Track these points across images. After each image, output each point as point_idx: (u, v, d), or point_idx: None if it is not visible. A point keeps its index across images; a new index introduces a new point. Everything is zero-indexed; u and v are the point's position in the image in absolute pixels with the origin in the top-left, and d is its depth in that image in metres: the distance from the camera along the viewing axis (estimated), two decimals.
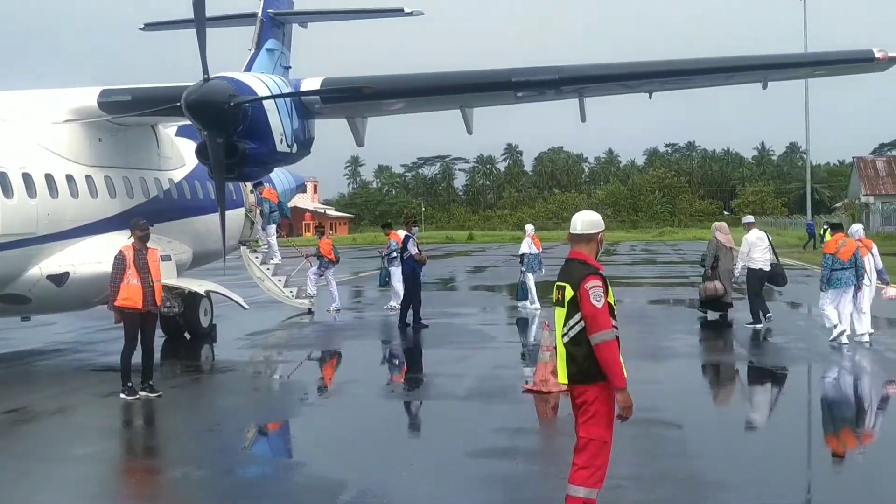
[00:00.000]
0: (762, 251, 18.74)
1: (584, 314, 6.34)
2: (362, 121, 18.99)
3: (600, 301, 6.32)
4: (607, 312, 6.35)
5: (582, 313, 6.36)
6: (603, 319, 6.30)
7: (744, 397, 12.87)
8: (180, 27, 24.65)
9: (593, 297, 6.32)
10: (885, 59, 16.26)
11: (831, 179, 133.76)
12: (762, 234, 19.02)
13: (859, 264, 16.09)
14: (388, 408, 12.10)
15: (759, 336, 17.50)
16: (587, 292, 6.33)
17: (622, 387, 6.32)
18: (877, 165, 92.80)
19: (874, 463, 8.90)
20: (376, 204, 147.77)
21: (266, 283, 22.09)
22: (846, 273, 15.99)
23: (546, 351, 12.01)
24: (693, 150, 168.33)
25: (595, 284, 6.36)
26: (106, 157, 16.88)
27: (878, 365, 14.28)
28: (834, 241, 16.38)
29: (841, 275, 16.01)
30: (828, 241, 16.75)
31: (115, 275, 12.30)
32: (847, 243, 16.14)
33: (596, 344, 6.29)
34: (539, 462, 9.00)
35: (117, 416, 11.63)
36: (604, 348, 6.28)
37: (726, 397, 12.87)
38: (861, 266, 16.14)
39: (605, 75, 17.50)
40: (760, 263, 18.66)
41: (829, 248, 16.35)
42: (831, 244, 16.32)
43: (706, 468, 8.66)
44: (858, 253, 16.15)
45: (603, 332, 6.28)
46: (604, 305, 6.33)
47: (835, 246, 16.16)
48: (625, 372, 6.41)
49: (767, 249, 18.84)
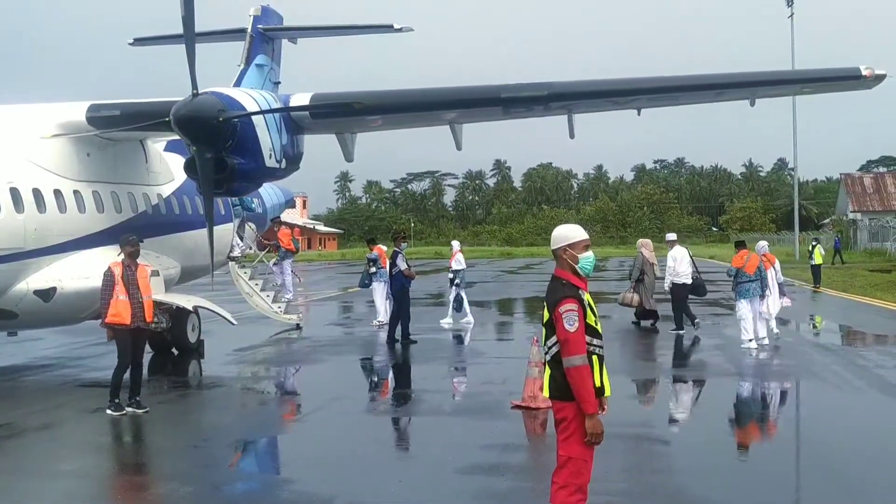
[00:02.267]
0: (686, 266, 20.84)
1: (558, 338, 6.25)
2: (351, 136, 18.99)
3: (573, 325, 6.18)
4: (581, 337, 6.20)
5: (556, 336, 6.29)
6: (574, 345, 6.17)
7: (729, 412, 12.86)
8: (169, 42, 24.63)
9: (567, 321, 6.18)
10: (871, 77, 16.33)
11: (819, 196, 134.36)
12: (684, 251, 21.18)
13: (763, 276, 18.21)
14: (377, 424, 12.08)
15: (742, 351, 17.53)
16: (561, 316, 6.20)
17: (592, 412, 6.17)
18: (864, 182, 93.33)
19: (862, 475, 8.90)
20: (365, 219, 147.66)
21: (254, 298, 22.04)
22: (752, 284, 18.03)
23: (535, 367, 12.01)
24: (681, 166, 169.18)
25: (569, 308, 6.21)
26: (94, 171, 16.84)
27: (865, 380, 14.30)
28: (740, 256, 18.41)
29: (748, 286, 18.02)
30: (734, 257, 18.68)
31: (105, 291, 12.29)
32: (751, 258, 18.27)
33: (567, 368, 6.18)
34: (528, 478, 8.98)
35: (104, 432, 11.57)
36: (574, 373, 6.16)
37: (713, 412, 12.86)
38: (765, 278, 18.30)
39: (594, 92, 17.55)
40: (684, 278, 20.75)
41: (736, 263, 18.38)
42: (738, 259, 18.37)
43: (694, 483, 8.66)
44: (762, 266, 18.26)
45: (574, 357, 6.16)
46: (577, 330, 6.18)
47: (741, 261, 18.24)
48: (608, 386, 6.38)
49: (690, 264, 20.98)
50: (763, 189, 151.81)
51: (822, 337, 21.37)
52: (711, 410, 13.01)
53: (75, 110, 16.62)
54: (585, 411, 6.18)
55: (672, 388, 14.44)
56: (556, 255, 6.57)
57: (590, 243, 6.60)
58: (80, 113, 16.51)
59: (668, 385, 14.64)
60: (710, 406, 13.47)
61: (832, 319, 24.84)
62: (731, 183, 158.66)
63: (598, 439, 6.24)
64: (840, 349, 18.48)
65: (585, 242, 6.55)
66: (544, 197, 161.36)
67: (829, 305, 29.09)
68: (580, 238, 6.55)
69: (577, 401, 6.19)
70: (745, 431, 11.31)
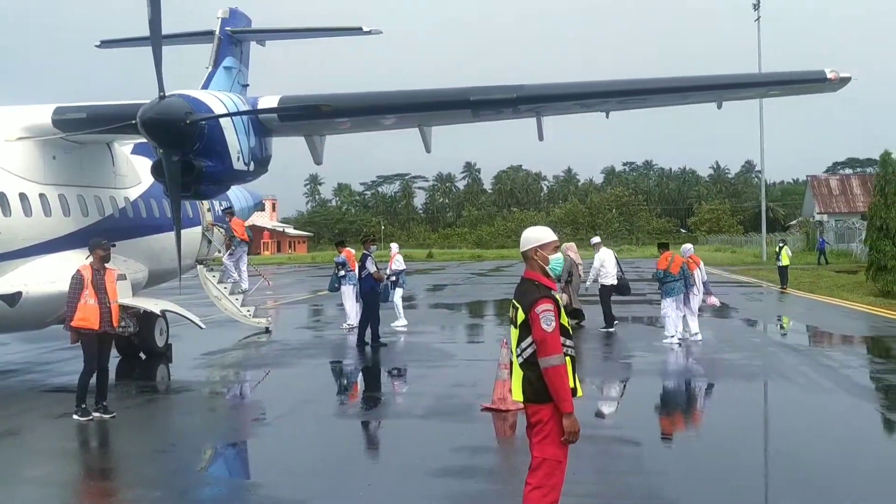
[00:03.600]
0: (612, 267, 21.93)
1: (535, 338, 6.26)
2: (320, 139, 18.93)
3: (551, 325, 6.22)
4: (558, 337, 6.25)
5: (532, 337, 6.30)
6: (552, 344, 6.21)
7: (700, 413, 12.93)
8: (137, 45, 24.43)
9: (544, 321, 6.22)
10: (836, 80, 16.48)
11: (786, 198, 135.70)
12: (609, 253, 22.42)
13: (687, 275, 19.19)
14: (346, 427, 12.04)
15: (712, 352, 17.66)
16: (538, 316, 6.23)
17: (569, 411, 6.22)
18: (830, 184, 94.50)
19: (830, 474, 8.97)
20: (335, 222, 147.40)
21: (223, 302, 21.90)
22: (677, 284, 19.03)
23: (504, 369, 12.01)
24: (650, 168, 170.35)
25: (546, 308, 6.25)
26: (60, 175, 16.68)
27: (832, 380, 14.43)
28: (664, 258, 19.37)
29: (673, 285, 19.03)
30: (659, 259, 19.59)
31: (72, 295, 12.16)
32: (675, 259, 19.27)
33: (544, 368, 6.21)
34: (498, 480, 8.98)
35: (70, 438, 11.44)
36: (552, 373, 6.19)
37: (683, 414, 12.94)
38: (689, 277, 19.26)
39: (562, 94, 17.59)
40: (611, 279, 21.88)
41: (661, 265, 19.34)
42: (663, 261, 19.33)
43: (664, 485, 8.70)
44: (686, 267, 19.28)
45: (551, 357, 6.19)
46: (554, 330, 6.23)
47: (665, 262, 19.25)
48: (579, 387, 6.41)
49: (615, 266, 22.07)
50: (731, 191, 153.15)
51: (789, 338, 21.55)
52: (679, 411, 13.09)
53: (41, 113, 16.44)
54: (563, 411, 6.22)
55: (639, 389, 14.47)
56: (527, 256, 6.61)
57: (559, 244, 6.66)
58: (46, 116, 16.34)
59: (634, 386, 14.68)
60: (677, 407, 13.55)
61: (799, 320, 25.06)
62: (699, 185, 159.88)
63: (576, 437, 6.30)
64: (807, 350, 18.66)
65: (555, 244, 6.63)
66: (514, 199, 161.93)
67: (795, 306, 29.35)
68: (550, 239, 6.62)
69: (556, 400, 6.22)
70: (713, 432, 11.36)
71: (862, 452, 10.09)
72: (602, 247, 22.43)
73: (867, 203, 47.16)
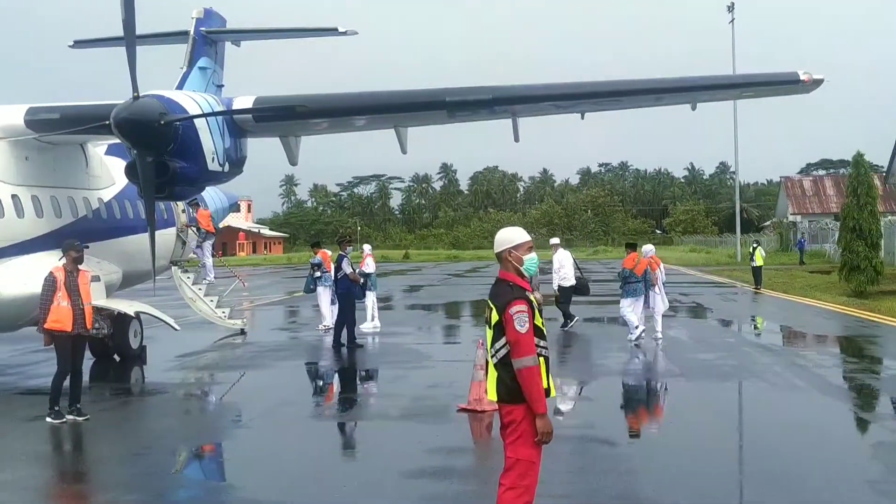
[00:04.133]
0: (570, 268, 22.22)
1: (508, 339, 6.26)
2: (295, 139, 18.88)
3: (524, 326, 6.22)
4: (531, 338, 6.24)
5: (506, 338, 6.30)
6: (525, 345, 6.21)
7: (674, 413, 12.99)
8: (110, 45, 24.28)
9: (517, 322, 6.21)
10: (809, 82, 16.60)
11: (760, 199, 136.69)
12: (567, 254, 22.68)
13: (648, 277, 19.69)
14: (322, 429, 12.02)
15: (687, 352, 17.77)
16: (511, 317, 6.22)
17: (542, 412, 6.22)
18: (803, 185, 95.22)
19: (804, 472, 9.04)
20: (311, 223, 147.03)
21: (198, 303, 21.78)
22: (638, 285, 19.58)
23: (480, 370, 12.04)
24: (626, 169, 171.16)
25: (520, 309, 6.25)
26: (33, 175, 16.55)
27: (805, 380, 14.55)
28: (631, 258, 19.85)
29: (635, 286, 19.56)
30: (625, 259, 20.10)
31: (45, 296, 12.06)
32: (641, 261, 19.69)
33: (518, 369, 6.21)
34: (474, 481, 8.99)
35: (44, 441, 11.36)
36: (525, 374, 6.19)
37: (658, 413, 13.00)
38: (650, 279, 19.72)
39: (538, 96, 17.65)
40: (570, 280, 22.15)
41: (627, 264, 19.80)
42: (629, 261, 19.79)
43: (638, 484, 8.73)
44: (649, 269, 19.67)
45: (525, 358, 6.19)
46: (528, 331, 6.23)
47: (632, 263, 19.69)
48: (553, 388, 6.43)
49: (573, 266, 22.39)
50: (705, 192, 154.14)
51: (763, 338, 21.71)
52: (654, 411, 13.15)
53: (13, 113, 16.30)
54: (536, 411, 6.22)
55: (613, 389, 14.53)
56: (501, 257, 6.61)
57: (533, 245, 6.66)
58: (19, 116, 16.20)
59: (608, 386, 14.73)
60: (652, 406, 13.61)
61: (773, 320, 25.25)
62: (674, 186, 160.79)
63: (549, 438, 6.29)
64: (781, 349, 18.80)
65: (529, 244, 6.62)
66: (490, 200, 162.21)
67: (769, 306, 29.57)
68: (524, 240, 6.62)
69: (529, 401, 6.22)
70: (687, 431, 11.42)
71: (834, 450, 10.18)
72: (560, 248, 22.73)
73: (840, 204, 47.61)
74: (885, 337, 20.47)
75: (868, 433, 11.31)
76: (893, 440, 10.63)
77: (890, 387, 14.36)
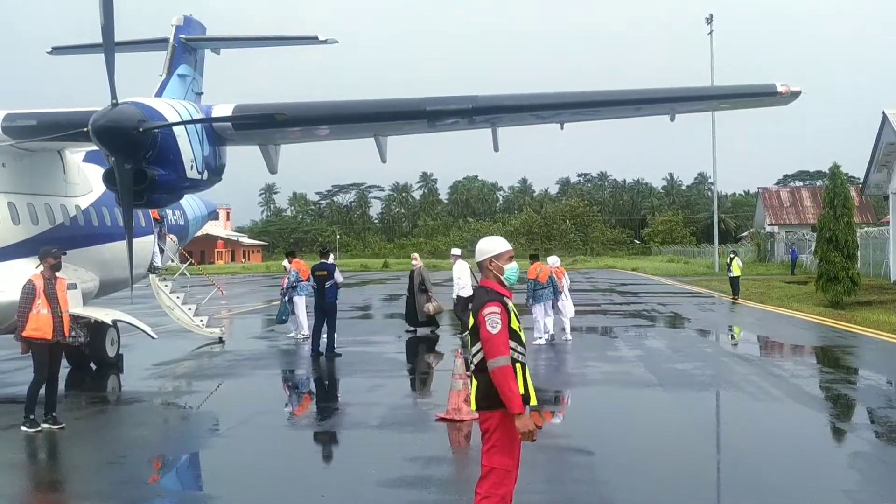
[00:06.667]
0: (467, 279, 22.73)
1: (481, 339, 6.33)
2: (275, 148, 18.87)
3: (496, 327, 6.27)
4: (504, 338, 6.28)
5: (479, 339, 6.37)
6: (497, 346, 6.25)
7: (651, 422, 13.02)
8: (89, 51, 24.19)
9: (489, 323, 6.28)
10: (787, 94, 16.73)
11: (737, 209, 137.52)
12: (465, 265, 23.05)
13: (554, 284, 21.59)
14: (300, 438, 11.97)
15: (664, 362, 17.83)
16: (484, 318, 6.30)
17: (518, 412, 6.23)
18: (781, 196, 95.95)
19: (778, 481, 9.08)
20: (290, 232, 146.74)
21: (175, 311, 21.69)
22: (545, 291, 21.42)
23: (459, 379, 12.05)
24: (605, 179, 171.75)
25: (492, 311, 6.31)
26: (10, 182, 16.45)
27: (782, 390, 14.63)
28: (534, 268, 21.67)
29: (542, 292, 21.40)
30: (529, 269, 21.39)
31: (24, 304, 11.95)
32: (543, 270, 21.64)
33: (491, 370, 6.24)
34: (452, 491, 8.97)
35: (19, 449, 11.26)
36: (498, 373, 6.22)
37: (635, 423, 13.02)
38: (556, 285, 21.65)
39: (517, 105, 17.72)
40: (468, 290, 22.36)
41: (531, 275, 21.49)
42: (532, 271, 21.56)
43: (615, 493, 8.75)
44: (554, 277, 21.70)
45: (498, 358, 6.23)
46: (500, 331, 6.27)
47: (535, 273, 21.54)
48: (534, 395, 6.44)
49: (471, 277, 22.78)
50: (683, 202, 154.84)
51: (740, 348, 21.81)
52: (631, 420, 13.16)
53: None
54: (512, 411, 6.23)
55: (591, 398, 14.55)
56: (482, 266, 6.68)
57: (513, 254, 6.73)
58: None
59: (586, 395, 14.76)
60: (629, 416, 13.63)
61: (750, 330, 25.37)
62: (652, 196, 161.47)
63: (532, 436, 6.28)
64: (758, 360, 18.89)
65: (510, 254, 6.71)
66: (470, 209, 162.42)
67: (747, 317, 29.70)
68: (504, 249, 6.71)
69: (504, 401, 6.24)
70: (665, 441, 11.45)
71: (810, 460, 10.25)
72: (459, 259, 23.35)
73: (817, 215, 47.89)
74: (861, 347, 20.59)
75: (844, 443, 11.36)
76: (869, 450, 10.68)
77: (865, 397, 14.45)
